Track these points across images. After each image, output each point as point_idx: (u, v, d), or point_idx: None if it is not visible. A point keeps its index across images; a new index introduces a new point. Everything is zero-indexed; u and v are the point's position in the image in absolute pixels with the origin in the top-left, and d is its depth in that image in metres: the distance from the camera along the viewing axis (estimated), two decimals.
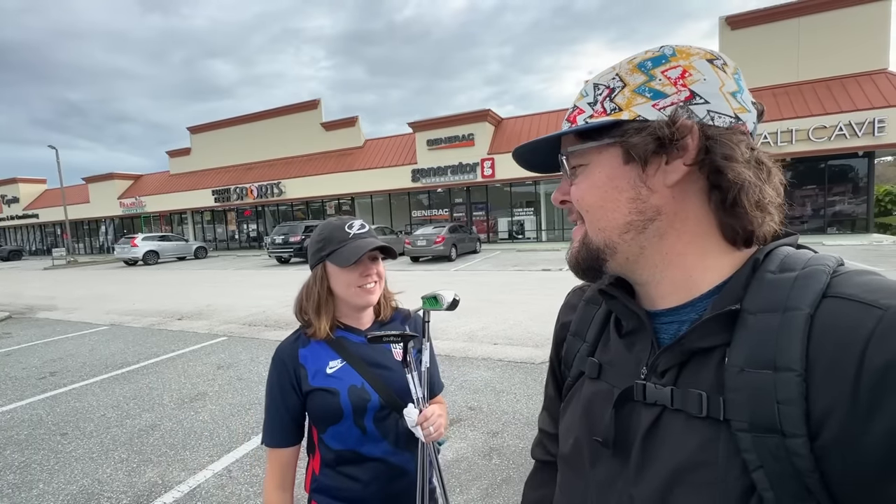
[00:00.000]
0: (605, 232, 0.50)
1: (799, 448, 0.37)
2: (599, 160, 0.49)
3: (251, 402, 3.91)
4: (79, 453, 3.16)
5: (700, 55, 0.47)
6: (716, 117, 0.45)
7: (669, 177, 0.46)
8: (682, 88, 0.45)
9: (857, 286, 0.39)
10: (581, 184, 0.51)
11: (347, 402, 1.02)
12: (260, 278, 13.19)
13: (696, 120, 0.45)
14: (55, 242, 33.67)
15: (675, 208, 0.47)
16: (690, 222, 0.47)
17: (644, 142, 0.45)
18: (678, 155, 0.45)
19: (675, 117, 0.44)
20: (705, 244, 0.48)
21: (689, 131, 0.44)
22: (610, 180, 0.49)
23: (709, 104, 0.45)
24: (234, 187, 25.93)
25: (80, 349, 6.05)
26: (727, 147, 0.44)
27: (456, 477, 2.66)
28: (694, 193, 0.47)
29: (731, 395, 0.41)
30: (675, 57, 0.47)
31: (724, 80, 0.46)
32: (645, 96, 0.47)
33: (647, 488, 0.46)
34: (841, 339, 0.37)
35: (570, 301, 0.69)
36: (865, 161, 15.34)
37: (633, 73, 0.48)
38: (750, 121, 0.47)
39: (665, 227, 0.48)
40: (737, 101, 0.46)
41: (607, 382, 0.55)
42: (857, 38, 15.16)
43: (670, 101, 0.45)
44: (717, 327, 0.44)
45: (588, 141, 0.50)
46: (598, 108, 0.49)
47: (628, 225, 0.48)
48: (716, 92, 0.45)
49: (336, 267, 1.06)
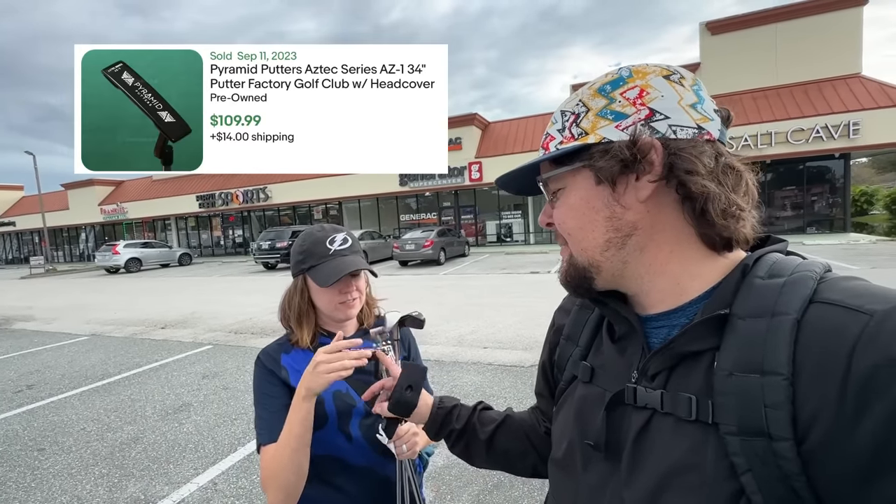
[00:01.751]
0: (588, 252, 0.52)
1: (786, 451, 0.38)
2: (574, 183, 0.52)
3: (238, 412, 3.83)
4: (57, 469, 3.05)
5: (656, 73, 0.49)
6: (678, 130, 0.47)
7: (640, 193, 0.47)
8: (642, 107, 0.47)
9: (843, 291, 0.40)
10: (560, 207, 0.54)
11: (332, 406, 1.02)
12: (246, 285, 12.99)
13: (658, 136, 0.46)
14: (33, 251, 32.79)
15: (651, 221, 0.48)
16: (668, 233, 0.49)
17: (609, 164, 0.47)
18: (646, 171, 0.46)
19: (636, 137, 0.46)
20: (687, 252, 0.49)
21: (650, 148, 0.46)
22: (585, 202, 0.51)
23: (669, 119, 0.47)
24: (220, 192, 25.57)
25: (59, 361, 5.87)
26: (688, 161, 0.45)
27: (447, 484, 2.63)
28: (668, 205, 0.48)
29: (719, 399, 0.42)
30: (632, 78, 0.49)
31: (682, 93, 0.48)
32: (607, 118, 0.49)
33: (638, 491, 0.46)
34: (827, 343, 0.38)
35: (564, 305, 0.71)
36: (842, 162, 15.79)
37: (595, 97, 0.50)
38: (714, 128, 0.48)
39: (644, 240, 0.49)
40: (698, 112, 0.48)
41: (599, 386, 0.56)
42: (831, 43, 15.63)
43: (631, 120, 0.47)
44: (706, 331, 0.44)
45: (561, 166, 0.52)
46: (567, 134, 0.52)
47: (608, 243, 0.50)
48: (675, 106, 0.47)
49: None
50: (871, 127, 14.26)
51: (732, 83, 16.61)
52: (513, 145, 19.66)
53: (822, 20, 15.76)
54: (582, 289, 0.54)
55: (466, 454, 0.80)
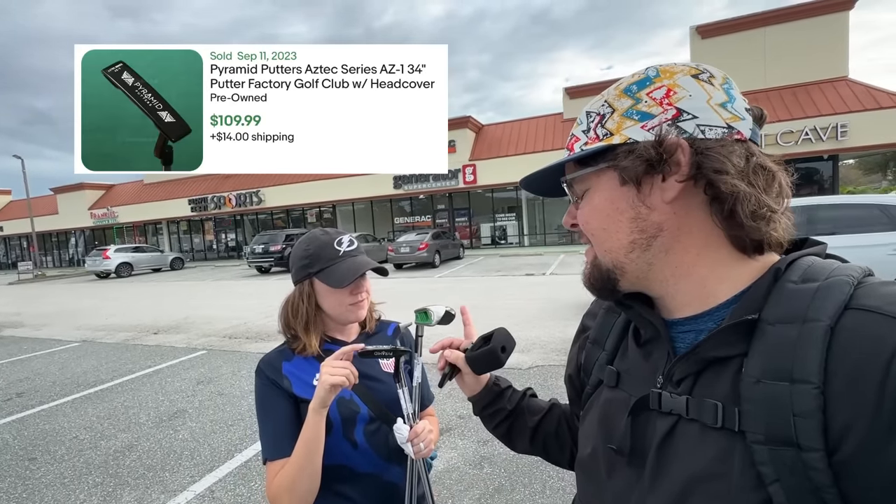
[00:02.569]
0: (612, 253, 0.51)
1: (816, 462, 0.36)
2: (599, 184, 0.51)
3: (234, 418, 3.78)
4: (49, 479, 2.99)
5: (684, 72, 0.48)
6: (707, 130, 0.46)
7: (666, 194, 0.47)
8: (669, 107, 0.47)
9: (882, 298, 0.39)
10: (585, 208, 0.53)
11: (336, 413, 1.00)
12: (240, 289, 12.88)
13: (686, 136, 0.45)
14: (21, 256, 32.29)
15: (677, 223, 0.47)
16: (696, 235, 0.48)
17: (634, 164, 0.47)
18: (672, 172, 0.46)
19: (662, 137, 0.45)
20: (716, 255, 0.48)
21: (676, 148, 0.45)
22: (610, 203, 0.50)
23: (697, 118, 0.46)
24: (212, 196, 25.36)
25: (50, 367, 5.77)
26: (717, 161, 0.44)
27: (447, 487, 2.61)
28: (696, 206, 0.47)
29: (746, 406, 0.41)
30: (659, 78, 0.48)
31: (711, 92, 0.47)
32: (633, 119, 0.48)
33: (662, 498, 0.46)
34: (863, 352, 0.36)
35: (591, 309, 0.70)
36: (830, 164, 16.02)
37: (620, 98, 0.50)
38: (745, 127, 0.47)
39: (669, 241, 0.48)
40: (727, 111, 0.47)
41: (624, 391, 0.55)
42: (818, 47, 15.88)
43: (657, 121, 0.47)
44: (734, 337, 0.43)
45: (586, 167, 0.52)
46: (592, 135, 0.51)
47: (632, 244, 0.49)
48: (703, 106, 0.46)
49: (326, 286, 1.04)
50: (858, 129, 14.50)
51: None
52: (506, 148, 19.72)
53: (810, 24, 16.01)
54: (606, 291, 0.53)
55: (508, 437, 0.81)
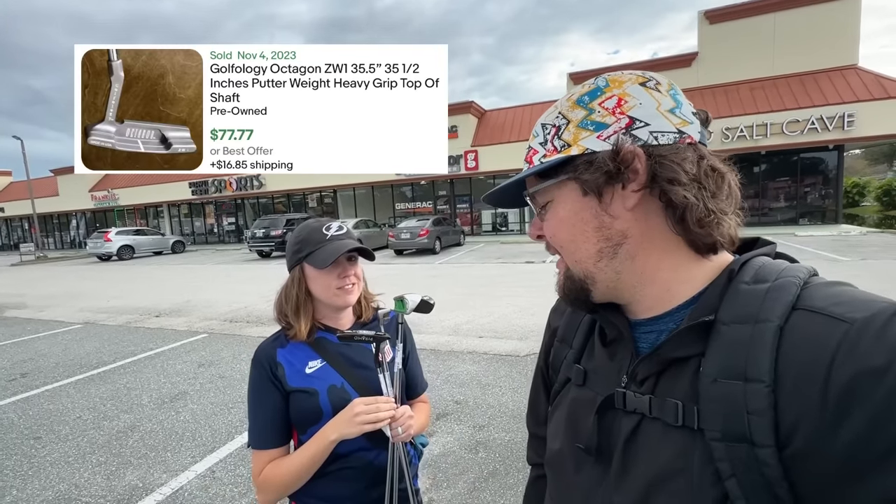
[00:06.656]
0: (582, 263, 0.52)
1: (768, 458, 0.38)
2: (561, 196, 0.52)
3: (234, 401, 3.85)
4: (54, 457, 3.06)
5: (632, 81, 0.49)
6: (659, 136, 0.47)
7: (627, 202, 0.48)
8: (621, 116, 0.47)
9: (825, 299, 0.41)
10: (551, 220, 0.54)
11: (327, 401, 1.03)
12: (240, 273, 12.93)
13: (640, 143, 0.46)
14: (23, 238, 32.38)
15: (640, 229, 0.49)
16: (657, 239, 0.49)
17: (594, 176, 0.48)
18: (631, 180, 0.47)
19: (619, 146, 0.46)
20: (676, 257, 0.49)
21: (633, 157, 0.46)
22: (575, 214, 0.51)
23: (650, 126, 0.47)
24: (213, 180, 25.26)
25: (53, 349, 5.84)
26: (670, 170, 0.46)
27: (443, 471, 2.67)
28: (654, 212, 0.48)
29: (704, 405, 0.42)
30: (609, 87, 0.49)
31: (659, 99, 0.48)
32: (588, 129, 0.49)
33: (628, 495, 0.47)
34: (809, 352, 0.38)
35: (558, 305, 0.70)
36: (835, 154, 15.85)
37: (574, 108, 0.50)
38: (694, 131, 0.48)
39: (634, 248, 0.49)
40: (677, 117, 0.48)
41: (591, 389, 0.56)
42: (828, 33, 15.56)
43: (612, 130, 0.47)
44: (691, 337, 0.45)
45: (547, 179, 0.52)
46: (549, 147, 0.52)
47: (599, 253, 0.50)
48: (654, 113, 0.47)
49: (314, 269, 1.07)
50: (865, 119, 14.29)
51: (730, 73, 16.54)
52: (509, 134, 19.53)
53: (821, 10, 15.66)
54: (580, 301, 0.54)
55: None
